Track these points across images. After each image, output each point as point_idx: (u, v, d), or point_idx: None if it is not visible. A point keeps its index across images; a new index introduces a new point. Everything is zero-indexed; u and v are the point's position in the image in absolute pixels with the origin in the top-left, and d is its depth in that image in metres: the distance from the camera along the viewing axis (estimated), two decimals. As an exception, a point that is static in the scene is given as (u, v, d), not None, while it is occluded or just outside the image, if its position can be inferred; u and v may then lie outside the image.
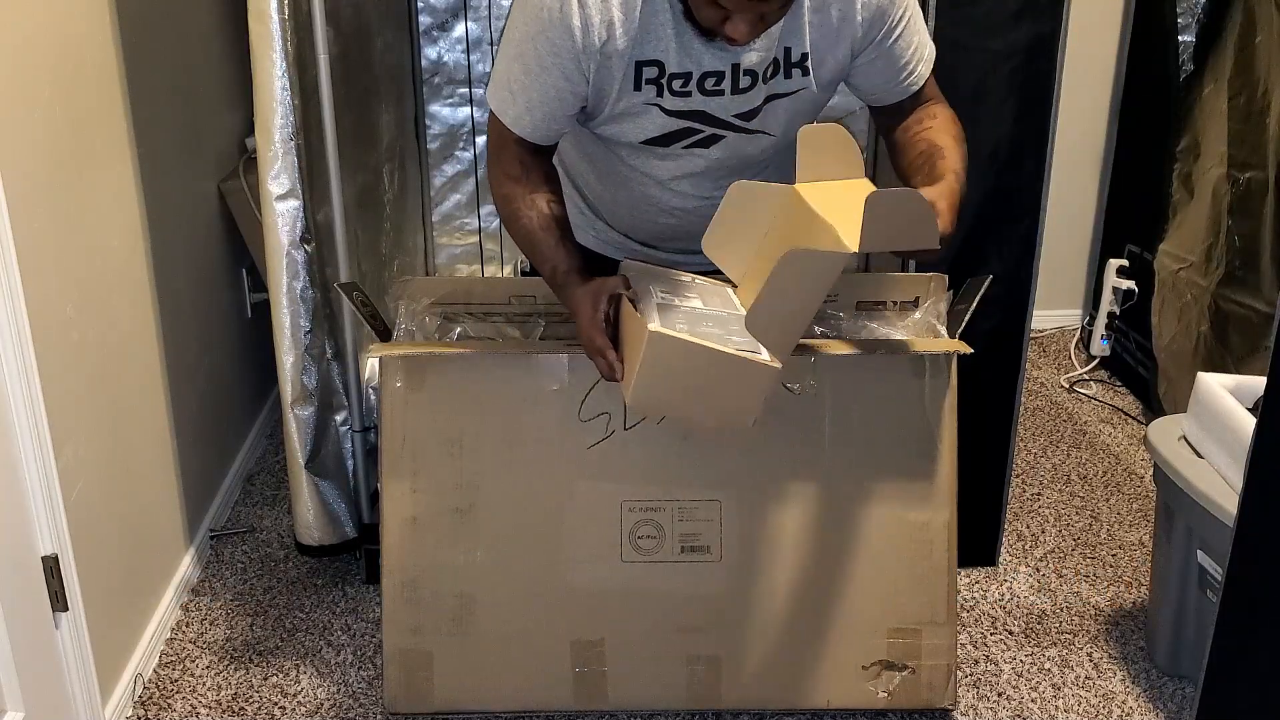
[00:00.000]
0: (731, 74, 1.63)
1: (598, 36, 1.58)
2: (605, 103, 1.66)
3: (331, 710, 2.10)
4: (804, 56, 1.65)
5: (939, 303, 1.96)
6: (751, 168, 1.78)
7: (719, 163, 1.75)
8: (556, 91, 1.64)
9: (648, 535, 1.94)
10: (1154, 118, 3.20)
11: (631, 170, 1.79)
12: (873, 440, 1.93)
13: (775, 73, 1.66)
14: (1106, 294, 3.41)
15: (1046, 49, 2.12)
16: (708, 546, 1.94)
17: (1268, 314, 2.62)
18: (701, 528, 1.94)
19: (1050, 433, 3.10)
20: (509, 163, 1.73)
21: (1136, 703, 2.12)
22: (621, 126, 1.71)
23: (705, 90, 1.65)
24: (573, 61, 1.60)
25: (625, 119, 1.69)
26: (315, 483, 2.30)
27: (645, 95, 1.65)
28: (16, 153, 1.74)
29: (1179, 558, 2.07)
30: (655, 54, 1.61)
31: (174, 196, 2.42)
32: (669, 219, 1.86)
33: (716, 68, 1.62)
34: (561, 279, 1.71)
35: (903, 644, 1.98)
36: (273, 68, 2.05)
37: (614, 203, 1.89)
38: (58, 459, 1.82)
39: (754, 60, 1.63)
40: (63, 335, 1.89)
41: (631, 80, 1.63)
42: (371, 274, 2.54)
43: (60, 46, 1.91)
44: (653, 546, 1.94)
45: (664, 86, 1.64)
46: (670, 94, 1.65)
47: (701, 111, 1.68)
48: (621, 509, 1.93)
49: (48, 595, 1.84)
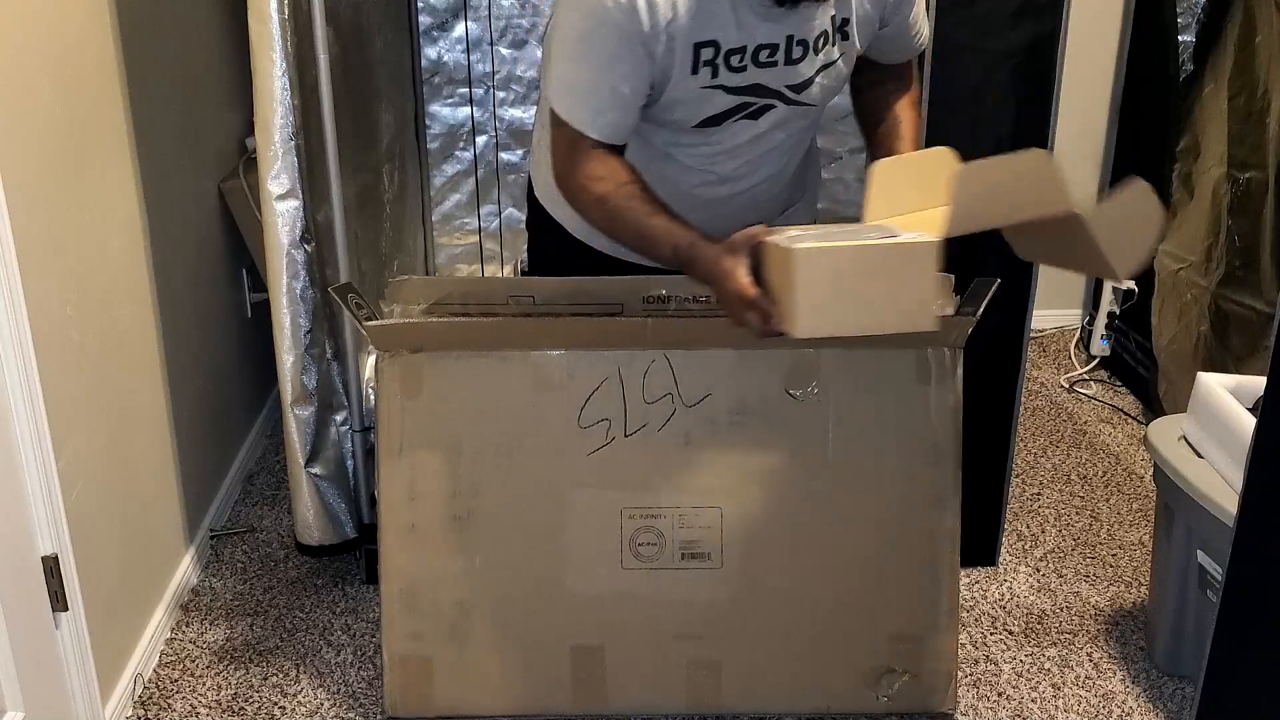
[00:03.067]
0: (786, 45, 1.66)
1: (663, 16, 1.59)
2: (667, 85, 1.66)
3: (331, 710, 2.10)
4: (846, 22, 1.70)
5: (945, 305, 1.95)
6: (789, 139, 1.82)
7: (763, 137, 1.78)
8: (629, 83, 1.63)
9: (648, 542, 1.93)
10: (1154, 118, 3.20)
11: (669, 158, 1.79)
12: (876, 446, 1.92)
13: (826, 42, 1.70)
14: (1106, 294, 3.41)
15: (1046, 49, 2.12)
16: (708, 553, 1.93)
17: (1268, 314, 2.62)
18: (702, 534, 1.93)
19: (1050, 433, 3.10)
20: (591, 168, 1.68)
21: (1136, 703, 2.12)
22: (675, 113, 1.71)
23: (759, 63, 1.67)
24: (641, 45, 1.60)
25: (680, 106, 1.69)
26: (315, 483, 2.30)
27: (701, 79, 1.66)
28: (16, 153, 1.74)
29: (1179, 558, 2.07)
30: (711, 33, 1.62)
31: (174, 196, 2.42)
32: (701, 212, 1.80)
33: (772, 40, 1.65)
34: (687, 253, 1.63)
35: (904, 649, 1.97)
36: (273, 68, 2.05)
37: None
38: (58, 459, 1.82)
39: (807, 30, 1.66)
40: (63, 335, 1.89)
41: (690, 63, 1.63)
42: (371, 274, 2.54)
43: (60, 46, 1.91)
44: (653, 553, 1.93)
45: (720, 66, 1.65)
46: (728, 70, 1.66)
47: (757, 85, 1.70)
48: (622, 516, 1.92)
49: (48, 595, 1.84)
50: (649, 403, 1.89)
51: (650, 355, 1.88)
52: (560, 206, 1.98)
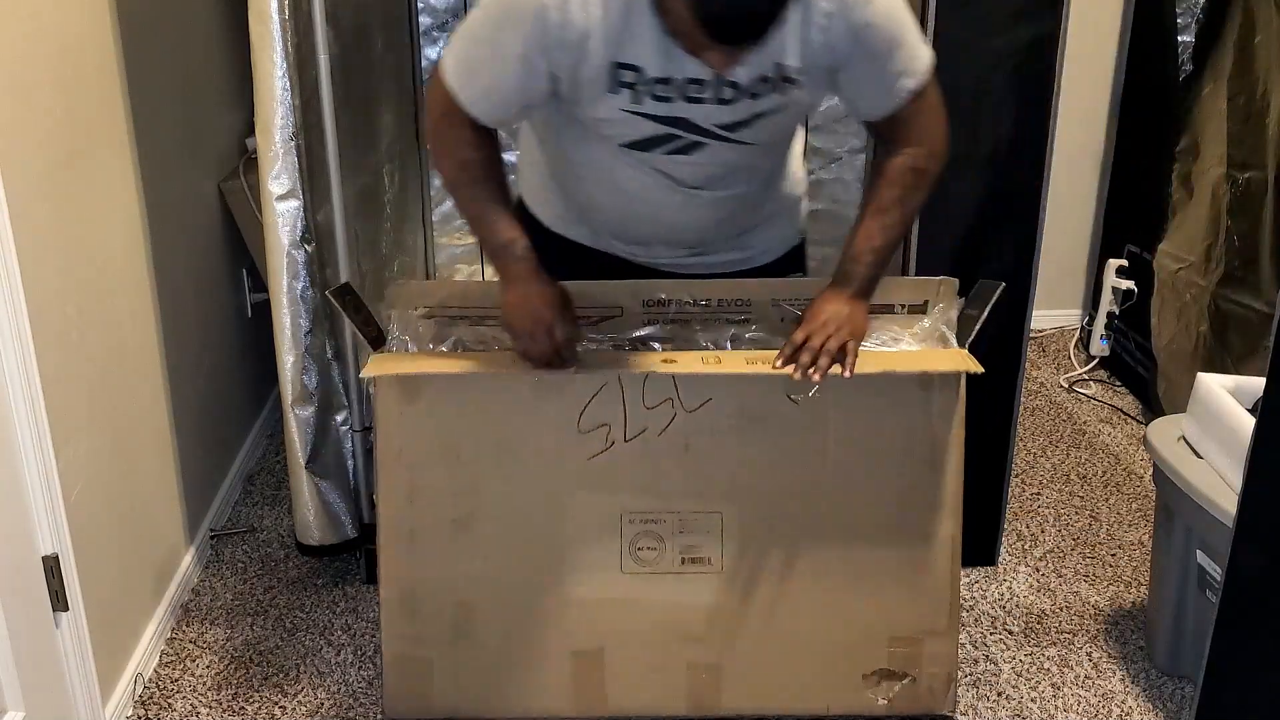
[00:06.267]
0: (715, 83, 1.61)
1: (577, 28, 1.56)
2: (581, 100, 1.65)
3: (331, 710, 2.10)
4: (790, 70, 1.62)
5: (949, 308, 1.93)
6: (734, 172, 1.78)
7: (700, 169, 1.74)
8: (519, 82, 1.63)
9: (648, 547, 1.92)
10: (1154, 118, 3.21)
11: (614, 172, 1.78)
12: (878, 452, 1.90)
13: (766, 90, 1.63)
14: (1106, 294, 3.41)
15: (1046, 49, 2.12)
16: (708, 558, 1.92)
17: (1267, 314, 2.62)
18: (702, 539, 1.92)
19: (1050, 433, 3.11)
20: (465, 134, 1.72)
21: (1136, 702, 2.12)
22: (602, 130, 1.70)
23: (689, 97, 1.63)
24: (542, 53, 1.59)
25: (603, 122, 1.68)
26: (315, 483, 2.30)
27: (621, 100, 1.63)
28: (16, 153, 1.74)
29: (1178, 558, 2.07)
30: (634, 58, 1.59)
31: (174, 196, 2.42)
32: (649, 224, 1.85)
33: (701, 75, 1.60)
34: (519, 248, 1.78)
35: (903, 653, 1.96)
36: (273, 68, 2.05)
37: (598, 205, 1.88)
38: (58, 459, 1.82)
39: (740, 74, 1.60)
40: (63, 335, 1.89)
41: (607, 81, 1.62)
42: (371, 274, 2.54)
43: (60, 46, 1.91)
44: (653, 558, 1.92)
45: (641, 93, 1.62)
46: (652, 99, 1.63)
47: (684, 119, 1.66)
48: (621, 520, 1.91)
49: (48, 595, 1.84)
50: (649, 408, 1.87)
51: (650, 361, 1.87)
52: (537, 201, 1.99)
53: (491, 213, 1.78)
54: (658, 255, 1.93)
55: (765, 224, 1.95)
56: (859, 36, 1.61)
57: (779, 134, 1.76)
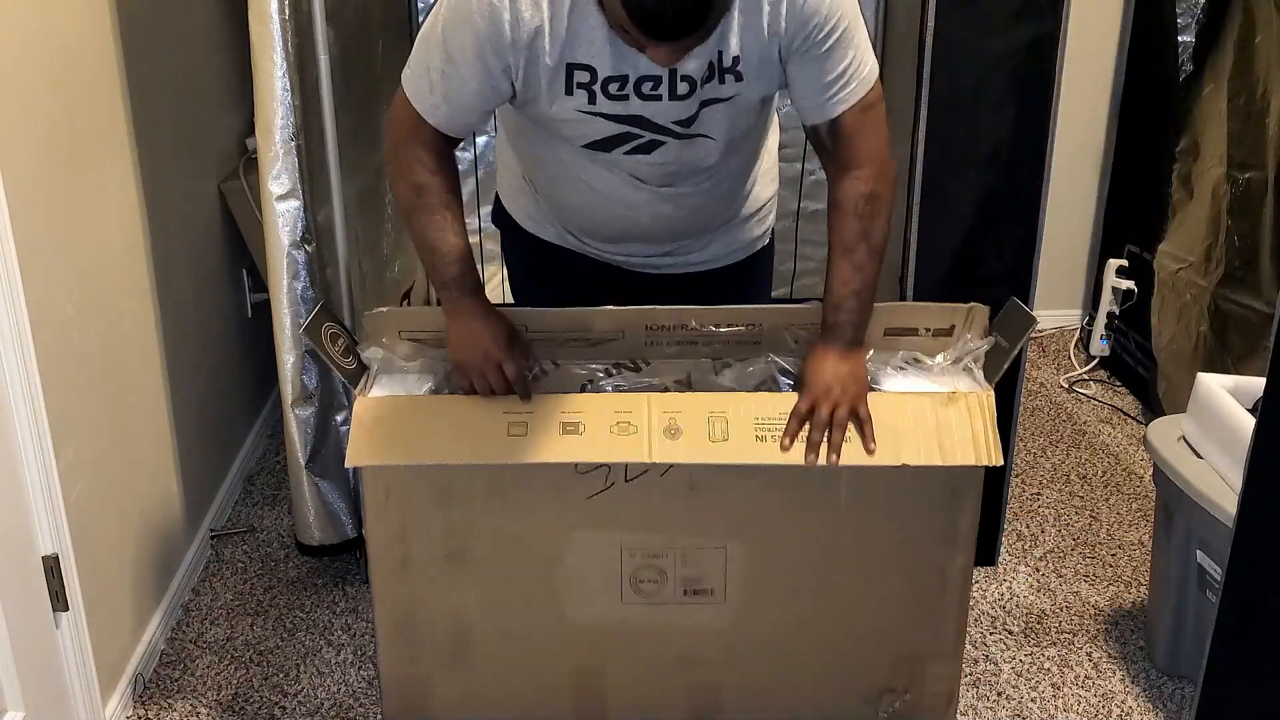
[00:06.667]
0: (669, 79, 1.61)
1: (528, 30, 1.56)
2: (539, 102, 1.65)
3: (332, 710, 2.10)
4: (735, 60, 1.61)
5: (976, 341, 1.83)
6: (697, 172, 1.77)
7: (662, 167, 1.74)
8: (477, 84, 1.63)
9: (649, 579, 1.85)
10: (1154, 118, 3.20)
11: (581, 171, 1.77)
12: (890, 487, 1.80)
13: (710, 78, 1.63)
14: (1106, 294, 3.41)
15: (1046, 49, 2.12)
16: (711, 589, 1.85)
17: (1267, 314, 2.62)
18: (706, 571, 1.84)
19: (1050, 433, 3.11)
20: (420, 150, 1.70)
21: (1136, 702, 2.12)
22: (561, 130, 1.70)
23: (643, 94, 1.62)
24: (495, 56, 1.58)
25: (562, 123, 1.68)
26: (316, 483, 2.30)
27: (577, 101, 1.63)
28: (16, 153, 1.74)
29: (1179, 558, 2.07)
30: (587, 58, 1.59)
31: (174, 196, 2.43)
32: (619, 223, 1.84)
33: (654, 72, 1.59)
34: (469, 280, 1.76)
35: (906, 670, 1.92)
36: (273, 68, 2.05)
37: (568, 205, 1.88)
38: (58, 459, 1.82)
39: (691, 67, 1.60)
40: (63, 335, 1.89)
41: (562, 83, 1.61)
42: (371, 274, 2.54)
43: (60, 46, 1.91)
44: (654, 590, 1.85)
45: (597, 92, 1.62)
46: (606, 98, 1.62)
47: (640, 117, 1.65)
48: (622, 554, 1.83)
49: (48, 595, 1.84)
50: None
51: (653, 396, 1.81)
52: (512, 201, 1.99)
53: (442, 244, 1.73)
54: (630, 254, 1.93)
55: (734, 225, 1.95)
56: (805, 24, 1.59)
57: (735, 130, 1.73)
